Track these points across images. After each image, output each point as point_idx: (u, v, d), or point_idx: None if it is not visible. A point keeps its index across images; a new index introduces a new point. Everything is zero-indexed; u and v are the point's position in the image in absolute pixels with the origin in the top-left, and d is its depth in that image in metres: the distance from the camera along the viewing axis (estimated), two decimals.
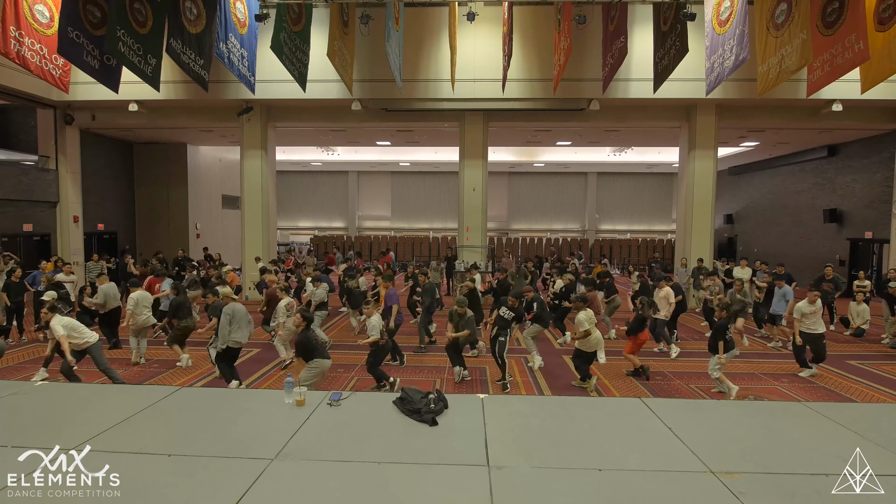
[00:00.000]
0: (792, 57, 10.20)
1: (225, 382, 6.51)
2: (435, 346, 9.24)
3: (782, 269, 11.36)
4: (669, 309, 8.71)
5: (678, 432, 3.30)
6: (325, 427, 3.37)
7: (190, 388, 4.38)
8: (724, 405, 4.06)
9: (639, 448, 3.12)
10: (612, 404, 4.11)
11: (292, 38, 10.74)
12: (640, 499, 2.59)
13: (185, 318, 7.85)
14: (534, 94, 13.02)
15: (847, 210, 16.97)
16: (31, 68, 10.63)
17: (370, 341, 6.36)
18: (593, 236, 26.41)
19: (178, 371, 7.75)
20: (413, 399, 3.59)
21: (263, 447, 3.06)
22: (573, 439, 3.22)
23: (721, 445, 3.15)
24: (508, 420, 3.50)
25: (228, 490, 2.63)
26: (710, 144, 13.82)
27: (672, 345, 8.81)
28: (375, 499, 2.58)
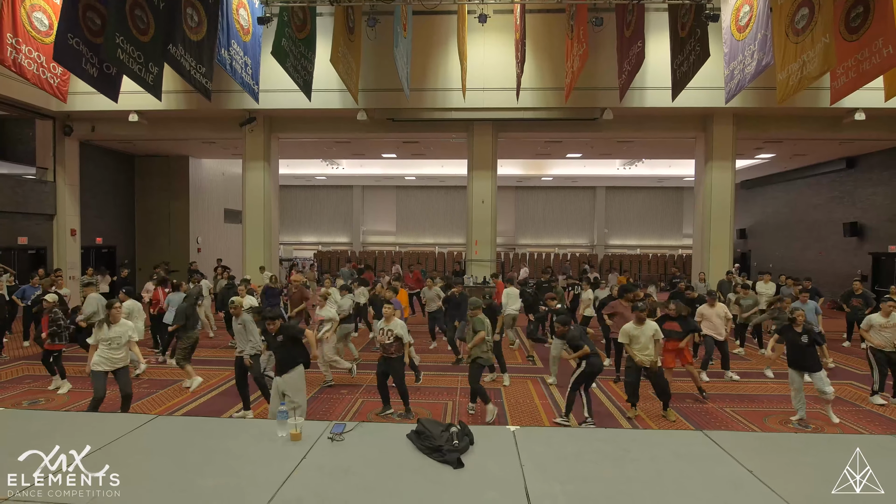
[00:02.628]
0: (814, 62, 9.75)
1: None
2: (444, 366, 8.69)
3: (809, 283, 10.82)
4: (728, 325, 8.04)
5: (764, 478, 2.66)
6: (323, 471, 2.76)
7: (164, 417, 3.82)
8: (813, 441, 3.44)
9: (723, 500, 2.51)
10: (671, 439, 3.42)
11: (297, 45, 10.39)
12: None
13: (192, 328, 7.34)
14: (545, 104, 12.62)
15: (868, 223, 16.39)
16: (29, 77, 10.31)
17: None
18: (602, 251, 25.83)
19: (177, 389, 7.25)
20: (432, 434, 3.02)
21: (245, 499, 2.49)
22: (633, 487, 2.60)
23: (823, 496, 2.55)
24: (550, 461, 2.88)
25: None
26: (727, 155, 13.35)
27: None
28: None
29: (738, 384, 7.80)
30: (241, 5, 10.78)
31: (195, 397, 7.01)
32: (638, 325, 6.09)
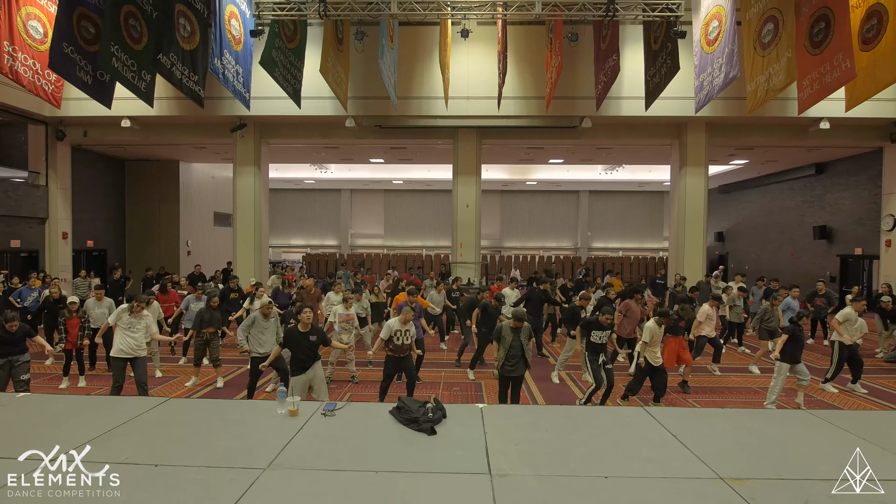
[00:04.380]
0: (779, 75, 10.41)
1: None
2: (428, 362, 9.12)
3: (776, 283, 11.40)
4: (712, 324, 8.42)
5: (685, 440, 3.21)
6: (319, 437, 3.23)
7: (179, 399, 4.22)
8: (728, 413, 3.97)
9: (646, 456, 3.02)
10: (616, 413, 3.99)
11: (286, 55, 10.79)
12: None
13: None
14: (527, 112, 13.14)
15: (836, 227, 17.15)
16: (24, 83, 10.59)
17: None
18: (586, 254, 26.47)
19: (174, 384, 7.58)
20: (411, 408, 3.48)
21: (255, 457, 2.92)
22: (578, 448, 3.11)
23: (730, 453, 3.05)
24: (510, 429, 3.39)
25: (218, 500, 2.50)
26: (700, 162, 13.97)
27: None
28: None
29: (720, 378, 8.30)
30: (234, 16, 11.16)
31: (195, 390, 7.36)
32: (658, 326, 6.51)
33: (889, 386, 7.91)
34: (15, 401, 3.97)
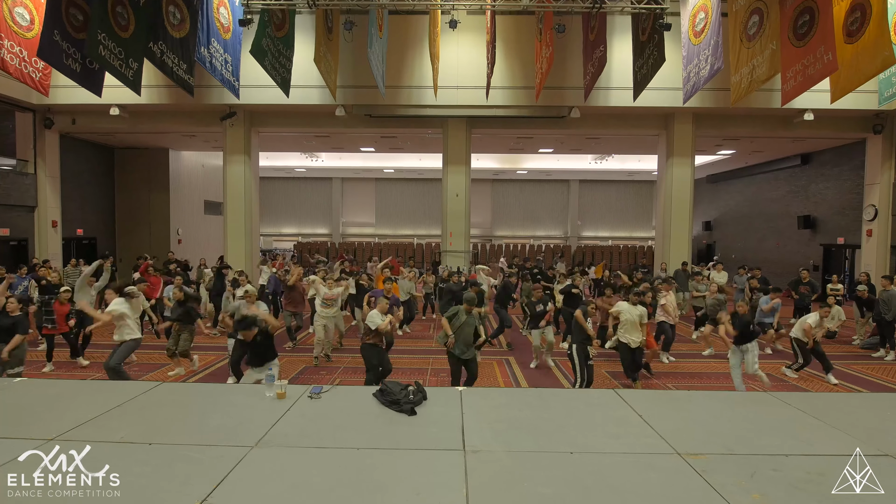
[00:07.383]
0: (762, 67, 10.59)
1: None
2: (417, 349, 9.33)
3: (759, 272, 11.67)
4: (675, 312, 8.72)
5: (649, 420, 3.43)
6: (305, 417, 3.43)
7: (170, 383, 4.39)
8: (695, 396, 4.20)
9: (610, 434, 3.23)
10: (587, 395, 4.23)
11: (275, 44, 10.80)
12: (608, 477, 2.71)
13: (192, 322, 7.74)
14: (516, 102, 13.24)
15: (820, 217, 17.46)
16: (11, 71, 10.55)
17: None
18: (576, 243, 26.72)
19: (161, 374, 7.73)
20: (392, 391, 3.67)
21: (244, 436, 3.11)
22: (547, 426, 3.33)
23: (689, 431, 3.28)
24: (485, 410, 3.60)
25: (209, 475, 2.68)
26: (687, 152, 14.16)
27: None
28: (354, 481, 2.66)
29: (677, 364, 8.57)
30: (222, 4, 11.14)
31: (184, 378, 7.52)
32: (633, 306, 6.79)
33: (864, 371, 8.22)
34: (13, 385, 4.12)
